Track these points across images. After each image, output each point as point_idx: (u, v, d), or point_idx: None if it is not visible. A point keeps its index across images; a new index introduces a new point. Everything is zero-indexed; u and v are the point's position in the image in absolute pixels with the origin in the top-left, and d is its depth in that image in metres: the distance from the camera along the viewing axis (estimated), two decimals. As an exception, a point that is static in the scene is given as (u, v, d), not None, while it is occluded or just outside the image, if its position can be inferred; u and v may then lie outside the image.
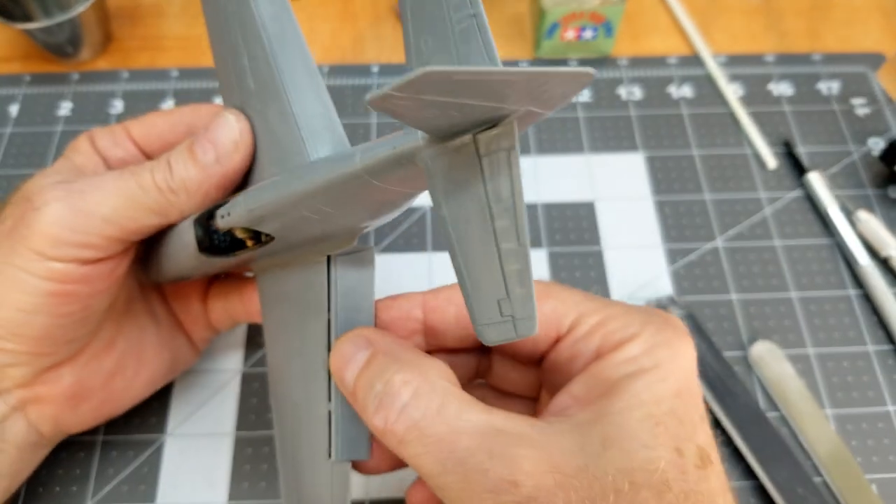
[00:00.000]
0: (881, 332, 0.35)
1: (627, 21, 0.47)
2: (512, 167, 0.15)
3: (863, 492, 0.31)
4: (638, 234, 0.39)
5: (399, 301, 0.24)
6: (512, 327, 0.15)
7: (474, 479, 0.18)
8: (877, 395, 0.34)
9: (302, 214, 0.21)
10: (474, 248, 0.16)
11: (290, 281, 0.24)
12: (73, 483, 0.31)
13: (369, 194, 0.19)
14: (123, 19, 0.48)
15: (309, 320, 0.23)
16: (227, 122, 0.24)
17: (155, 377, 0.30)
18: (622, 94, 0.44)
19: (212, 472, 0.32)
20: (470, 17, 0.15)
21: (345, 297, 0.23)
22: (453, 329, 0.24)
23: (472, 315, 0.16)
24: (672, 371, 0.20)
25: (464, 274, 0.16)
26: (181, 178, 0.24)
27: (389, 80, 0.12)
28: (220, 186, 0.25)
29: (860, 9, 0.49)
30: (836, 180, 0.40)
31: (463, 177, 0.15)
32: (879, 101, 0.43)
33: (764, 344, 0.34)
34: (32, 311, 0.24)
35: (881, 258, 0.37)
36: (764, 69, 0.45)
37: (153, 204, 0.24)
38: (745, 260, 0.38)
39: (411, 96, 0.12)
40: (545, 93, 0.13)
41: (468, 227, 0.16)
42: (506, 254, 0.15)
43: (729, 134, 0.42)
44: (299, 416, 0.24)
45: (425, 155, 0.16)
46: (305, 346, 0.23)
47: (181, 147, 0.25)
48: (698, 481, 0.19)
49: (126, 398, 0.29)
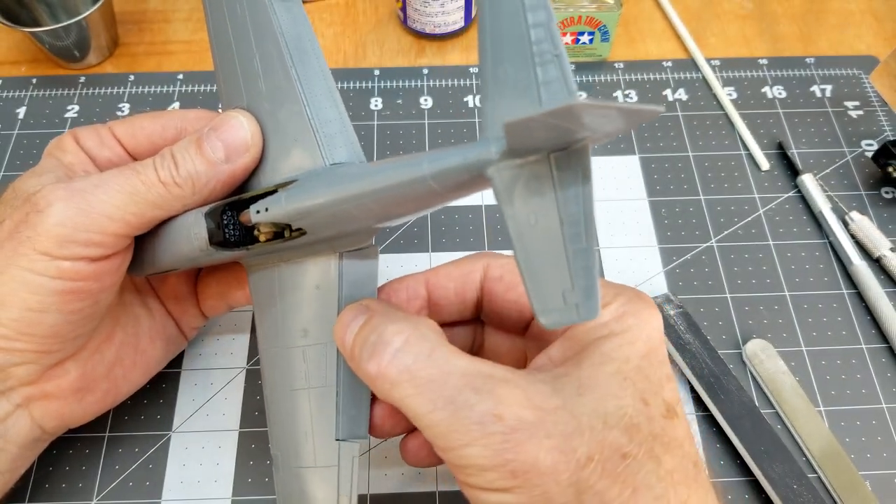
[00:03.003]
0: (874, 330, 0.36)
1: (623, 26, 0.48)
2: (586, 183, 0.17)
3: (857, 488, 0.31)
4: (634, 234, 0.39)
5: (406, 281, 0.26)
6: (575, 313, 0.17)
7: (462, 415, 0.20)
8: (870, 392, 0.34)
9: (348, 212, 0.22)
10: (541, 248, 0.17)
11: (295, 274, 0.25)
12: (80, 479, 0.32)
13: (425, 198, 0.21)
14: (130, 24, 0.48)
15: (317, 310, 0.24)
16: (238, 123, 0.25)
17: (150, 365, 0.31)
18: (618, 97, 0.45)
19: (216, 469, 0.32)
20: (554, 57, 0.17)
21: (351, 286, 0.24)
22: (453, 304, 0.26)
23: (533, 301, 0.18)
24: (639, 336, 0.22)
25: (526, 269, 0.18)
26: (188, 172, 0.25)
27: (390, 83, 0.13)
28: (227, 184, 0.26)
29: (853, 13, 0.49)
30: (829, 181, 0.41)
31: (535, 188, 0.17)
32: (872, 103, 0.44)
33: (758, 342, 0.35)
34: (42, 310, 0.24)
35: (874, 258, 0.38)
36: (758, 72, 0.46)
37: (156, 198, 0.25)
38: (739, 260, 0.38)
39: (546, 122, 0.15)
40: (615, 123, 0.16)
41: (535, 231, 0.18)
42: (575, 253, 0.17)
43: (723, 136, 0.43)
44: (303, 402, 0.24)
45: (497, 168, 0.18)
46: (313, 334, 0.24)
47: (186, 142, 0.25)
48: (665, 428, 0.21)
49: (126, 387, 0.30)
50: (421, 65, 0.46)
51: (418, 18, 0.46)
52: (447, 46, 0.48)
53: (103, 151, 0.28)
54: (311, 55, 0.25)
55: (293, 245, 0.24)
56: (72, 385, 0.27)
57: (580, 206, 0.17)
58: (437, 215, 0.40)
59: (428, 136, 0.43)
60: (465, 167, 0.19)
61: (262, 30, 0.25)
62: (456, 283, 0.25)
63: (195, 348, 0.35)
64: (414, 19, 0.46)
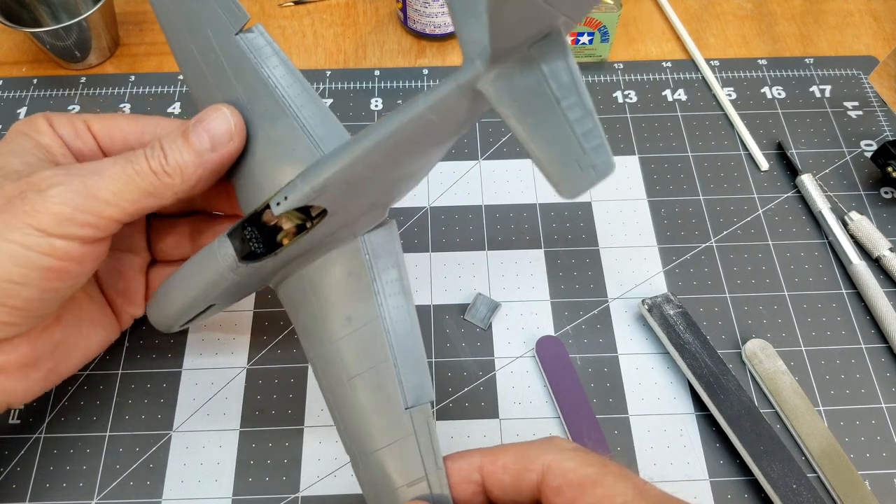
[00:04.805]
0: (873, 330, 0.36)
1: (623, 26, 0.48)
2: (567, 58, 0.19)
3: (856, 487, 0.31)
4: (634, 234, 0.39)
5: (459, 463, 0.24)
6: (592, 173, 0.18)
7: None
8: (869, 392, 0.34)
9: (361, 176, 0.23)
10: (545, 133, 0.18)
11: (323, 271, 0.26)
12: (80, 478, 0.32)
13: (428, 135, 0.21)
14: (131, 25, 0.49)
15: (354, 294, 0.25)
16: (222, 115, 0.26)
17: (90, 349, 0.31)
18: (618, 97, 0.45)
19: (217, 468, 0.32)
20: None
21: (379, 259, 0.26)
22: (508, 494, 0.24)
23: (551, 179, 0.19)
24: None
25: (539, 156, 0.19)
26: (176, 162, 0.26)
27: (390, 84, 0.14)
28: (213, 172, 0.27)
29: (852, 13, 0.49)
30: (828, 182, 0.41)
31: (525, 82, 0.19)
32: (871, 103, 0.44)
33: (757, 342, 0.35)
34: (22, 283, 0.25)
35: (873, 258, 0.38)
36: (757, 73, 0.46)
37: (149, 187, 0.26)
38: (738, 260, 0.38)
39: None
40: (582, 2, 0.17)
41: (537, 117, 0.19)
42: (575, 122, 0.18)
43: (723, 136, 0.43)
44: (363, 388, 0.25)
45: (487, 79, 0.19)
46: (356, 318, 0.25)
47: (174, 134, 0.27)
48: None
49: (66, 368, 0.30)
50: (421, 65, 0.47)
51: (418, 19, 0.46)
52: (447, 47, 0.48)
53: (77, 142, 0.29)
54: (300, 86, 0.27)
55: (316, 237, 0.25)
56: (19, 360, 0.28)
57: (570, 76, 0.18)
58: (437, 215, 0.40)
59: (428, 136, 0.43)
60: (458, 90, 0.20)
61: (237, 63, 0.27)
62: (512, 477, 0.23)
63: (196, 348, 0.35)
64: (414, 20, 0.46)
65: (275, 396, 0.34)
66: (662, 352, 0.35)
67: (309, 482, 0.32)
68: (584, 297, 0.37)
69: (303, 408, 0.34)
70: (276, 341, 0.36)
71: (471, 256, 0.38)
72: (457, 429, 0.33)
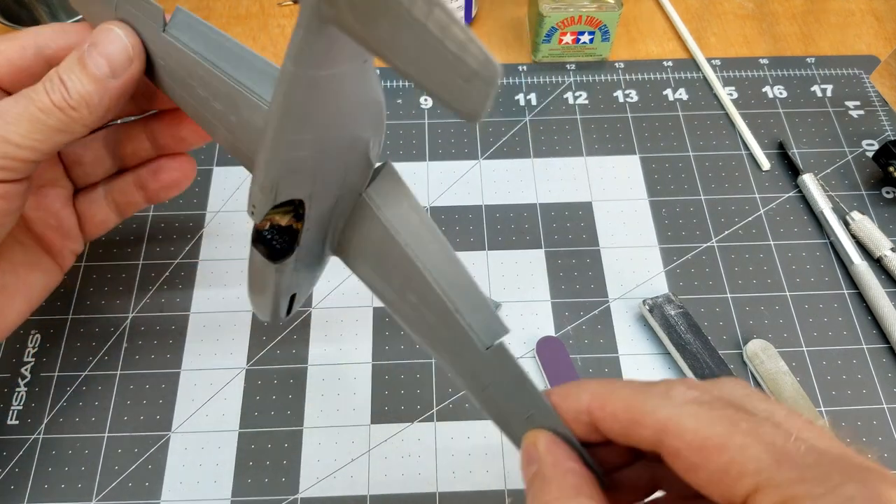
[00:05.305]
0: (875, 330, 0.36)
1: (624, 26, 0.48)
2: None
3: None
4: (635, 234, 0.39)
5: (567, 402, 0.22)
6: (481, 82, 0.15)
7: None
8: (870, 392, 0.34)
9: (298, 156, 0.21)
10: (409, 51, 0.15)
11: (354, 239, 0.25)
12: (79, 479, 0.32)
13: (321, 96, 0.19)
14: (128, 24, 0.48)
15: (388, 261, 0.24)
16: (116, 36, 0.25)
17: (33, 295, 0.30)
18: (619, 97, 0.45)
19: (216, 469, 0.32)
20: None
21: (389, 209, 0.24)
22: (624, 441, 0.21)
23: (447, 102, 0.16)
24: None
25: (416, 78, 0.16)
26: (79, 94, 0.25)
27: (391, 84, 0.13)
28: (120, 99, 0.26)
29: (853, 13, 0.49)
30: (829, 181, 0.41)
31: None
32: (873, 103, 0.44)
33: (759, 342, 0.35)
34: None
35: (874, 258, 0.38)
36: (758, 72, 0.46)
37: (57, 123, 0.25)
38: (739, 260, 0.38)
39: None
40: None
41: (393, 35, 0.15)
42: (434, 26, 0.15)
43: (724, 136, 0.43)
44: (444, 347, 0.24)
45: None
46: (396, 282, 0.24)
47: (70, 62, 0.25)
48: None
49: (12, 316, 0.30)
50: (421, 65, 0.46)
51: (418, 18, 0.46)
52: (447, 46, 0.48)
53: None
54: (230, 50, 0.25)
55: (318, 217, 0.24)
56: None
57: None
58: (437, 215, 0.40)
59: (428, 135, 0.43)
60: (305, 27, 0.17)
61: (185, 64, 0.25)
62: (623, 427, 0.20)
63: (195, 348, 0.35)
64: (414, 19, 0.46)
65: (274, 397, 0.34)
66: (663, 352, 0.35)
67: (308, 483, 0.32)
68: (584, 298, 0.37)
69: (302, 409, 0.34)
70: (275, 342, 0.36)
71: (471, 256, 0.38)
72: (457, 429, 0.33)
